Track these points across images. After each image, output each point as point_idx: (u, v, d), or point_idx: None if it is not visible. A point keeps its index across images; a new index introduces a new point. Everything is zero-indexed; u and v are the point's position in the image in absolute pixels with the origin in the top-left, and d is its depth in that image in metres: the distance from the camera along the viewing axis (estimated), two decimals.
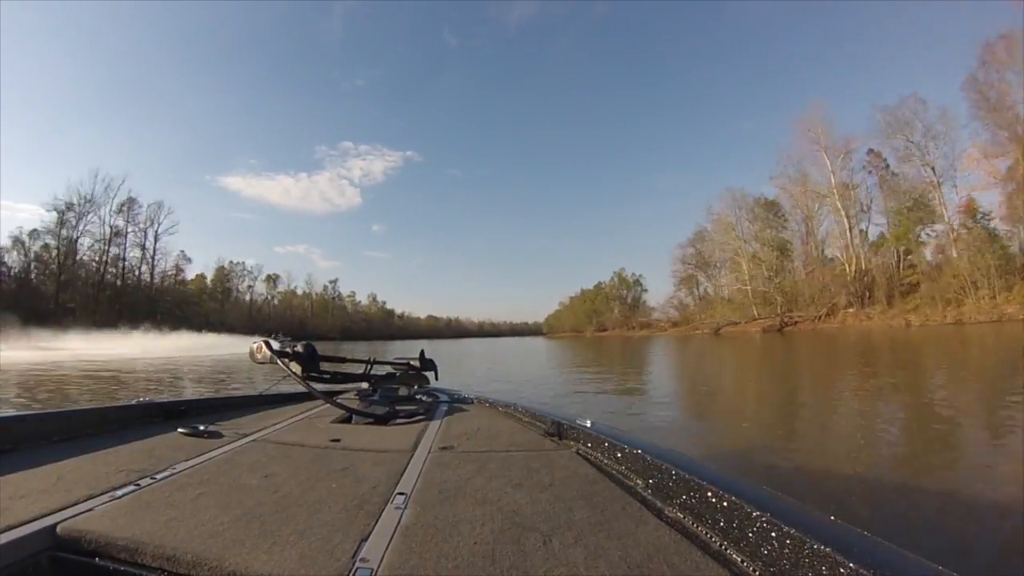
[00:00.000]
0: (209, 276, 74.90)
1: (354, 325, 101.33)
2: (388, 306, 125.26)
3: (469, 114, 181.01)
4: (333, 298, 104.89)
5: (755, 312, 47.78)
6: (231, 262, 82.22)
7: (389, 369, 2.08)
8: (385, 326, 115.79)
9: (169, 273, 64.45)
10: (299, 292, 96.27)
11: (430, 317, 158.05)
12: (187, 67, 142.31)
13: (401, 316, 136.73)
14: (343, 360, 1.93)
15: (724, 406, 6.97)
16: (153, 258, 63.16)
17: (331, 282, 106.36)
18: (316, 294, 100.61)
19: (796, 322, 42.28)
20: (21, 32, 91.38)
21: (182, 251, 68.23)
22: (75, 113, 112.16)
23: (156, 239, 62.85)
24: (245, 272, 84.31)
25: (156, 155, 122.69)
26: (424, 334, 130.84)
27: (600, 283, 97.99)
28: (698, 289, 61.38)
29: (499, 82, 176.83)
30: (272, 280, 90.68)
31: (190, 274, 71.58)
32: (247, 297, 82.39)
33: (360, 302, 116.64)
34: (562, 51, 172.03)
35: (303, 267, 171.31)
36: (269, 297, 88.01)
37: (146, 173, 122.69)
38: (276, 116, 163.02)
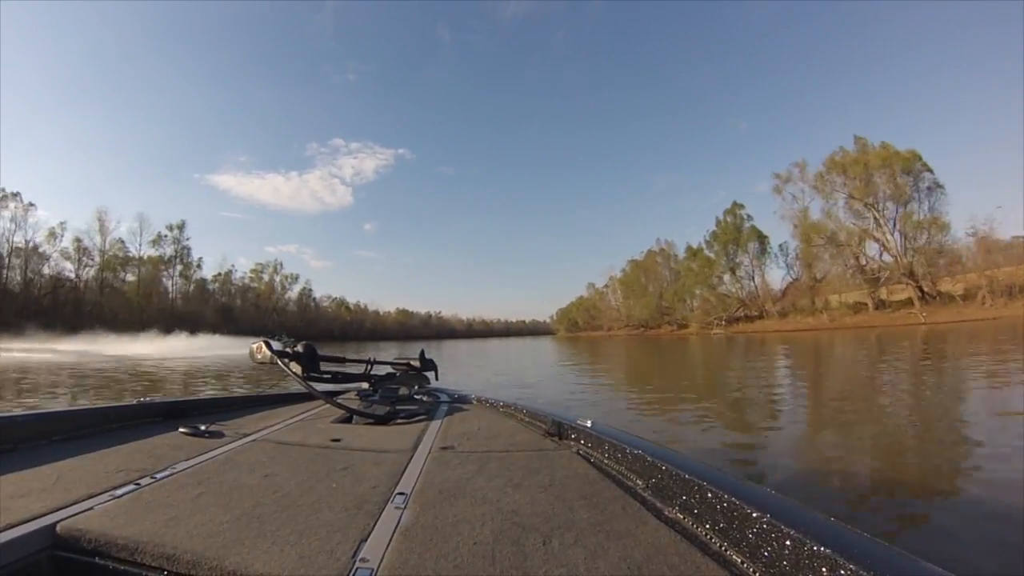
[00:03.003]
0: None
1: (252, 319, 59.58)
2: (312, 288, 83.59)
3: (462, 111, 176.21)
4: (190, 267, 60.16)
5: None
6: None
7: (389, 369, 2.15)
8: (306, 321, 73.72)
9: None
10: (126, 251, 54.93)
11: (401, 311, 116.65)
12: (174, 58, 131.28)
13: (351, 308, 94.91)
14: (343, 360, 1.97)
15: None
16: None
17: (174, 225, 59.54)
18: (152, 259, 57.60)
19: None
20: None
21: None
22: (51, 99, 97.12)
23: None
24: None
25: (142, 149, 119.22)
26: (391, 335, 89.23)
27: (739, 204, 51.99)
28: None
29: (493, 79, 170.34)
30: (54, 237, 49.05)
31: None
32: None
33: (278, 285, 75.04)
34: (556, 49, 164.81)
35: (296, 268, 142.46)
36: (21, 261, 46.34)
37: (131, 167, 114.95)
38: (266, 111, 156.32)
